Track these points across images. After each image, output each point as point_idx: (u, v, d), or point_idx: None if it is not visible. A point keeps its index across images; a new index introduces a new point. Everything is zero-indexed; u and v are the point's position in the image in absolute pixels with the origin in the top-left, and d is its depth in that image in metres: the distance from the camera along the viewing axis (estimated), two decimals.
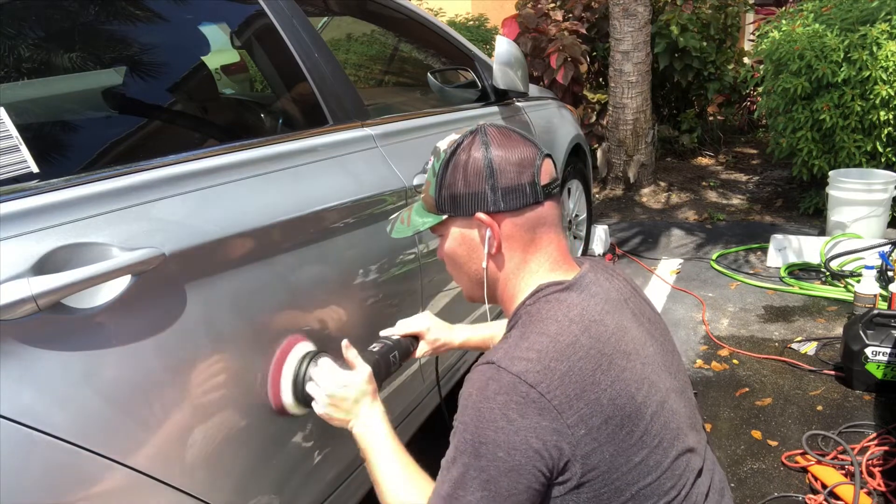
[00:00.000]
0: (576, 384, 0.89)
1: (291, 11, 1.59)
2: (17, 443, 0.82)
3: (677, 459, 0.96)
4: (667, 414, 0.97)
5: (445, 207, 1.06)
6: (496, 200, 1.01)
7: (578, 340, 0.93)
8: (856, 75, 3.99)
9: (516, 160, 1.01)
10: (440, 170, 1.05)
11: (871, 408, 2.42)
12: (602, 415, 0.90)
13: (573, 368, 0.90)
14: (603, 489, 0.91)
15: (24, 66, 1.15)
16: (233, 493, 1.15)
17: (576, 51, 5.30)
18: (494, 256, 1.04)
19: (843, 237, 3.66)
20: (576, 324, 0.95)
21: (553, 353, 0.91)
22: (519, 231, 1.03)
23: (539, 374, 0.89)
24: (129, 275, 0.94)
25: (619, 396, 0.91)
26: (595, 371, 0.91)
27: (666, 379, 1.02)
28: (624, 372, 0.94)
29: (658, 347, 1.06)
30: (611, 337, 0.96)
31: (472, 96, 2.35)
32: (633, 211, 5.02)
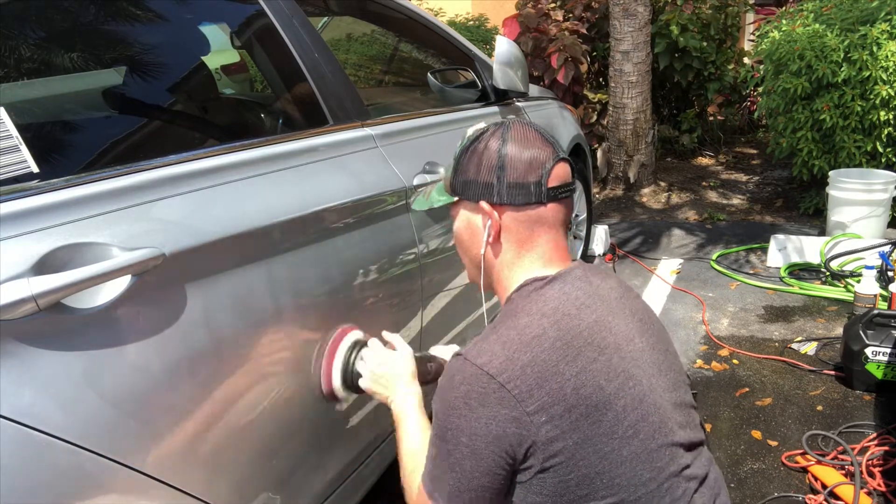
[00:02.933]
0: (537, 374, 0.94)
1: (291, 11, 1.59)
2: (17, 443, 0.82)
3: (657, 452, 0.98)
4: (646, 408, 0.99)
5: (458, 190, 1.12)
6: (500, 193, 1.06)
7: (545, 332, 0.97)
8: (856, 75, 3.99)
9: (527, 159, 1.05)
10: (459, 154, 1.11)
11: (871, 408, 2.42)
12: (564, 403, 0.93)
13: (536, 359, 0.94)
14: (569, 475, 0.94)
15: (24, 66, 1.15)
16: (233, 492, 1.15)
17: (576, 51, 5.30)
18: (493, 245, 1.10)
19: (844, 237, 3.66)
20: (547, 317, 0.99)
21: (517, 344, 0.96)
22: (517, 226, 1.08)
23: (501, 365, 0.94)
24: (129, 275, 0.94)
25: (583, 386, 0.94)
26: (559, 362, 0.95)
27: (653, 375, 1.04)
28: (593, 363, 0.97)
29: (648, 345, 1.08)
30: (584, 330, 0.99)
31: (473, 96, 2.35)
32: (634, 211, 5.02)
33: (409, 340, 1.64)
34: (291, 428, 1.29)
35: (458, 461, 0.96)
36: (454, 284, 1.89)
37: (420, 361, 1.33)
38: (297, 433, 1.31)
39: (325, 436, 1.40)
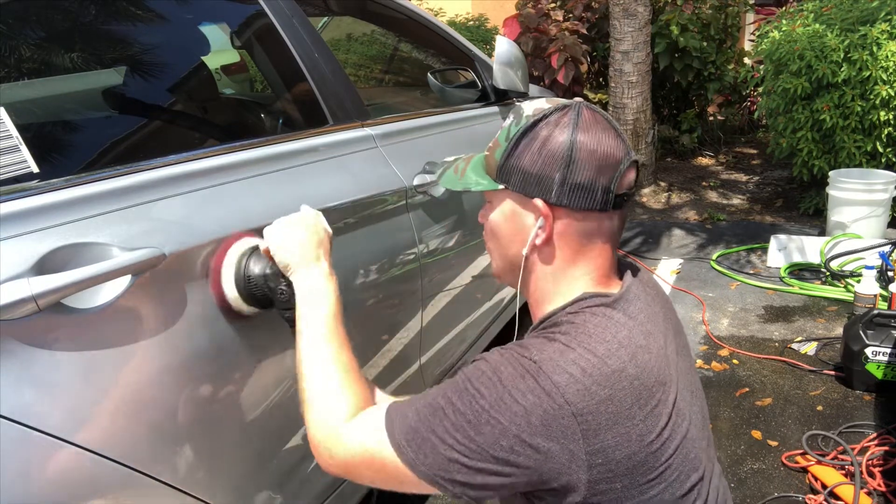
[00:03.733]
0: (611, 414, 0.84)
1: (291, 11, 1.59)
2: (17, 443, 0.82)
3: (690, 492, 0.92)
4: (688, 445, 0.92)
5: (505, 178, 0.96)
6: (561, 193, 0.91)
7: (626, 369, 0.86)
8: (856, 75, 3.99)
9: (601, 156, 0.91)
10: (516, 136, 0.94)
11: (871, 408, 2.42)
12: (626, 450, 0.85)
13: (614, 397, 0.84)
14: None
15: (25, 66, 1.15)
16: (233, 493, 1.15)
17: (576, 51, 5.30)
18: (539, 249, 0.96)
19: (844, 237, 3.66)
20: (624, 348, 0.88)
21: (598, 375, 0.85)
22: (572, 234, 0.94)
23: (578, 394, 0.83)
24: (129, 275, 0.94)
25: (648, 433, 0.86)
26: (633, 405, 0.85)
27: (692, 403, 0.97)
28: (658, 406, 0.88)
29: (685, 366, 1.00)
30: (654, 366, 0.90)
31: (473, 96, 2.35)
32: (634, 211, 5.02)
33: (409, 340, 1.64)
34: (292, 428, 1.29)
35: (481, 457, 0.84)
36: (454, 284, 1.89)
37: None
38: (297, 433, 1.31)
39: None
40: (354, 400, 0.96)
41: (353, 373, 0.99)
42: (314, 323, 1.01)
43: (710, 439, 1.04)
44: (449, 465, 0.85)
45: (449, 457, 0.85)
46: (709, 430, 1.06)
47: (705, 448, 1.00)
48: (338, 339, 1.01)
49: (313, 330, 1.01)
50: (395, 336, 1.58)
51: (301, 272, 1.05)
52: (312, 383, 0.98)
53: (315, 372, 0.98)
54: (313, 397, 0.97)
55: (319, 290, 1.03)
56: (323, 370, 0.98)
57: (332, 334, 1.00)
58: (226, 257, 1.11)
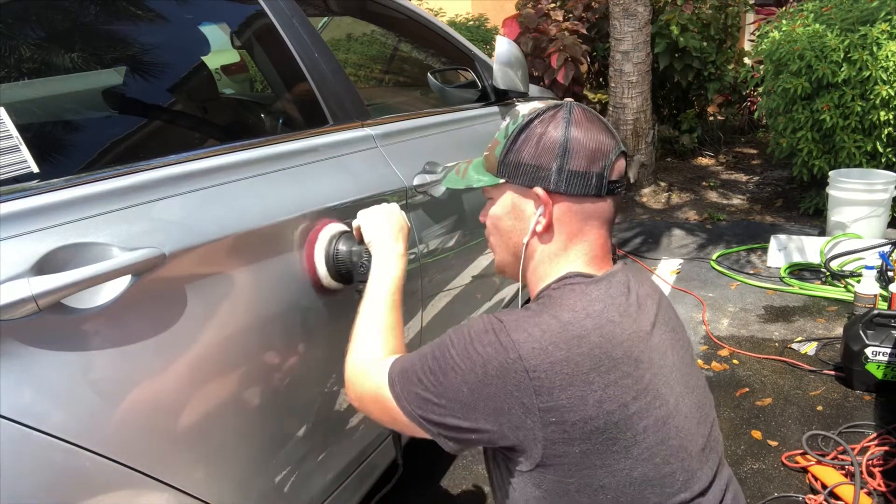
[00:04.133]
0: (565, 375, 0.89)
1: (291, 11, 1.59)
2: (17, 443, 0.82)
3: (670, 477, 0.94)
4: (668, 430, 0.95)
5: (506, 172, 1.04)
6: (559, 181, 0.99)
7: (588, 335, 0.92)
8: (856, 75, 3.99)
9: (592, 147, 0.99)
10: (514, 133, 1.03)
11: (871, 408, 2.42)
12: (581, 413, 0.89)
13: (569, 360, 0.90)
14: (569, 479, 0.92)
15: (25, 66, 1.15)
16: (233, 492, 1.15)
17: (576, 51, 5.30)
18: (539, 235, 1.03)
19: (844, 237, 3.66)
20: (591, 318, 0.93)
21: (557, 337, 0.91)
22: (570, 218, 1.02)
23: (533, 351, 0.90)
24: (130, 275, 0.94)
25: (608, 401, 0.90)
26: (591, 370, 0.90)
27: (681, 395, 0.99)
28: (625, 378, 0.92)
29: (678, 359, 1.03)
30: (624, 341, 0.94)
31: (473, 96, 2.35)
32: (634, 211, 5.02)
33: (409, 340, 1.64)
34: (292, 428, 1.29)
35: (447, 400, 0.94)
36: (454, 284, 1.89)
37: None
38: (297, 433, 1.31)
39: (326, 435, 1.40)
40: (387, 348, 1.09)
41: (394, 331, 1.13)
42: (378, 286, 1.17)
43: (713, 440, 1.04)
44: (423, 403, 0.96)
45: (423, 395, 0.96)
46: (715, 432, 1.06)
47: (702, 447, 1.00)
48: (392, 304, 1.16)
49: (375, 291, 1.16)
50: None
51: (381, 247, 1.22)
52: (360, 331, 1.13)
53: (365, 323, 1.13)
54: (356, 341, 1.12)
55: (391, 263, 1.20)
56: (371, 322, 1.13)
57: (390, 299, 1.16)
58: (318, 238, 1.29)
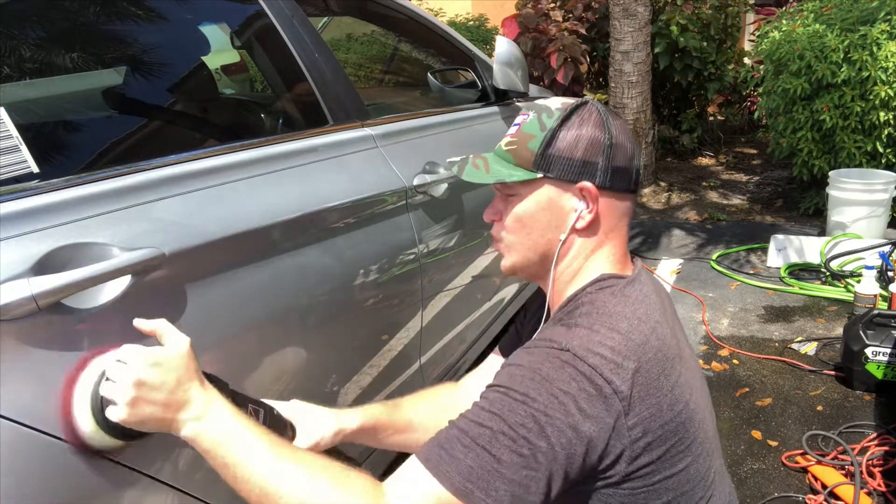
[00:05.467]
0: (642, 385, 0.87)
1: (291, 11, 1.59)
2: (17, 443, 0.82)
3: (708, 472, 0.97)
4: (707, 425, 0.98)
5: (546, 166, 0.98)
6: (606, 176, 0.97)
7: (648, 341, 0.90)
8: (856, 76, 3.98)
9: (629, 143, 1.00)
10: (554, 126, 0.98)
11: (871, 408, 2.42)
12: (661, 419, 0.89)
13: (641, 369, 0.88)
14: (640, 490, 0.90)
15: (25, 66, 1.15)
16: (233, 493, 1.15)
17: (576, 51, 5.30)
18: (578, 231, 0.99)
19: (844, 237, 3.66)
20: (644, 323, 0.92)
21: (626, 350, 0.88)
22: (611, 214, 1.00)
23: (613, 372, 0.86)
24: (129, 275, 0.94)
25: (676, 402, 0.90)
26: (660, 375, 0.89)
27: (702, 388, 1.02)
28: (680, 377, 0.93)
29: (693, 357, 1.05)
30: (670, 340, 0.94)
31: (473, 96, 2.35)
32: (634, 211, 5.02)
33: (409, 340, 1.64)
34: None
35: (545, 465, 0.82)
36: (454, 285, 1.88)
37: (235, 398, 0.93)
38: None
39: None
40: (354, 481, 0.83)
41: (319, 459, 0.87)
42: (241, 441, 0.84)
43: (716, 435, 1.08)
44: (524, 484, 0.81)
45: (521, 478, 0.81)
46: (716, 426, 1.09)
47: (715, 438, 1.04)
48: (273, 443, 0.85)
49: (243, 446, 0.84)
50: (395, 336, 1.58)
51: (187, 428, 0.85)
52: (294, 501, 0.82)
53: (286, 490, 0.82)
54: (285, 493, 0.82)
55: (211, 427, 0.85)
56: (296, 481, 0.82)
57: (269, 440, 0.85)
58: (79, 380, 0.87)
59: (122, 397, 0.82)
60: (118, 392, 0.82)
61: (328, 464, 0.86)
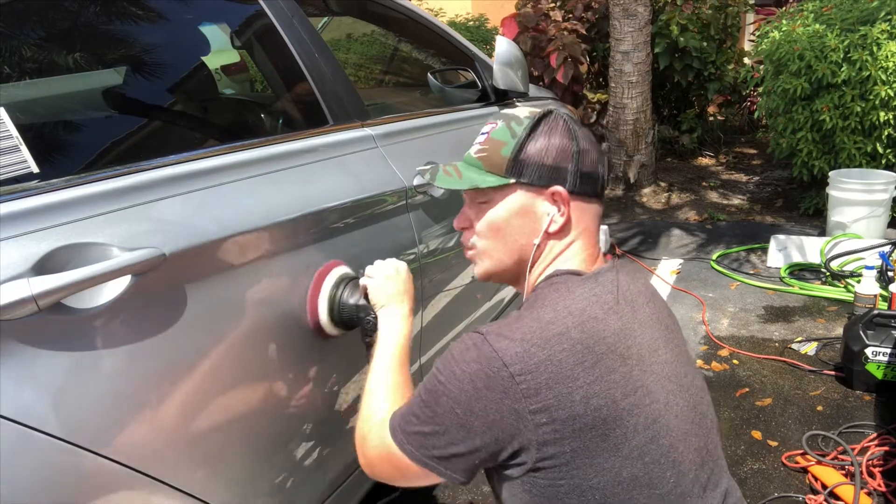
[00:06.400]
0: (549, 374, 0.89)
1: (291, 11, 1.59)
2: (17, 443, 0.82)
3: (660, 478, 0.93)
4: (658, 429, 0.94)
5: (518, 172, 1.02)
6: (575, 181, 1.02)
7: (568, 332, 0.92)
8: (856, 76, 3.98)
9: (595, 152, 1.04)
10: (524, 134, 1.02)
11: (871, 408, 2.42)
12: (570, 410, 0.89)
13: (552, 358, 0.90)
14: (560, 481, 0.91)
15: (25, 66, 1.15)
16: (233, 493, 1.15)
17: (575, 50, 5.30)
18: (550, 234, 1.03)
19: (844, 237, 3.66)
20: (572, 316, 0.94)
21: (538, 338, 0.91)
22: (581, 217, 1.04)
23: (516, 356, 0.90)
24: (130, 275, 0.94)
25: (595, 396, 0.90)
26: (575, 366, 0.90)
27: (672, 392, 0.99)
28: (612, 374, 0.91)
29: (672, 357, 1.02)
30: (608, 336, 0.94)
31: (473, 96, 2.35)
32: (634, 211, 5.02)
33: None
34: (291, 428, 1.29)
35: (444, 427, 0.94)
36: (454, 285, 1.89)
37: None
38: (297, 433, 1.31)
39: (326, 436, 1.40)
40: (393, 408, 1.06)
41: (401, 389, 1.11)
42: (385, 349, 1.16)
43: (711, 443, 1.03)
44: (424, 440, 0.96)
45: (422, 432, 0.96)
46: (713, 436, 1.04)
47: (698, 448, 0.99)
48: (399, 365, 1.15)
49: (382, 355, 1.16)
50: None
51: (387, 310, 1.22)
52: (367, 398, 1.11)
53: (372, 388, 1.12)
54: (363, 410, 1.10)
55: (398, 326, 1.20)
56: (379, 386, 1.11)
57: (397, 360, 1.15)
58: (323, 283, 1.28)
59: (379, 276, 1.25)
60: (378, 272, 1.25)
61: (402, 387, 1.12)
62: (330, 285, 1.28)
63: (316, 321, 1.27)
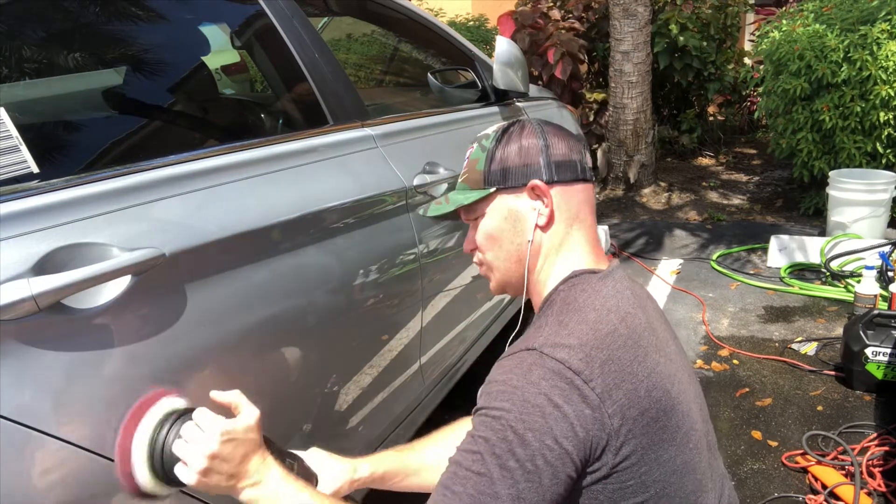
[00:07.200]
0: (615, 373, 0.88)
1: (291, 11, 1.59)
2: (17, 443, 0.82)
3: (699, 465, 0.97)
4: (693, 415, 0.97)
5: (495, 180, 1.05)
6: (550, 171, 1.03)
7: (617, 329, 0.92)
8: (856, 75, 3.98)
9: (566, 142, 1.05)
10: (492, 146, 1.06)
11: (871, 408, 2.42)
12: (639, 406, 0.88)
13: (612, 357, 0.89)
14: (629, 481, 0.89)
15: (25, 67, 1.15)
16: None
17: (573, 46, 5.29)
18: (541, 227, 1.04)
19: (844, 237, 3.66)
20: (613, 313, 0.94)
21: (593, 341, 0.90)
22: (567, 203, 1.04)
23: (582, 362, 0.87)
24: (130, 275, 0.94)
25: (654, 388, 0.90)
26: (633, 362, 0.90)
27: (687, 381, 1.02)
28: (658, 366, 0.93)
29: (677, 350, 1.05)
30: (644, 330, 0.96)
31: (473, 97, 2.35)
32: (634, 211, 5.02)
33: (409, 340, 1.64)
34: (291, 429, 1.29)
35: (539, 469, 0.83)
36: (455, 285, 1.89)
37: (276, 453, 1.00)
38: (296, 434, 1.31)
39: (325, 436, 1.40)
40: None
41: None
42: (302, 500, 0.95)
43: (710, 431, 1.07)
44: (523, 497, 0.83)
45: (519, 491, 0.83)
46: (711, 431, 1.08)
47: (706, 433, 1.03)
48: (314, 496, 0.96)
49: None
50: (395, 336, 1.58)
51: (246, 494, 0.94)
52: None
53: None
54: None
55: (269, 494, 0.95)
56: None
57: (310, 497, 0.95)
58: (141, 423, 0.93)
59: (195, 464, 0.90)
60: (192, 458, 0.90)
61: None
62: (152, 424, 0.94)
63: (132, 483, 0.92)
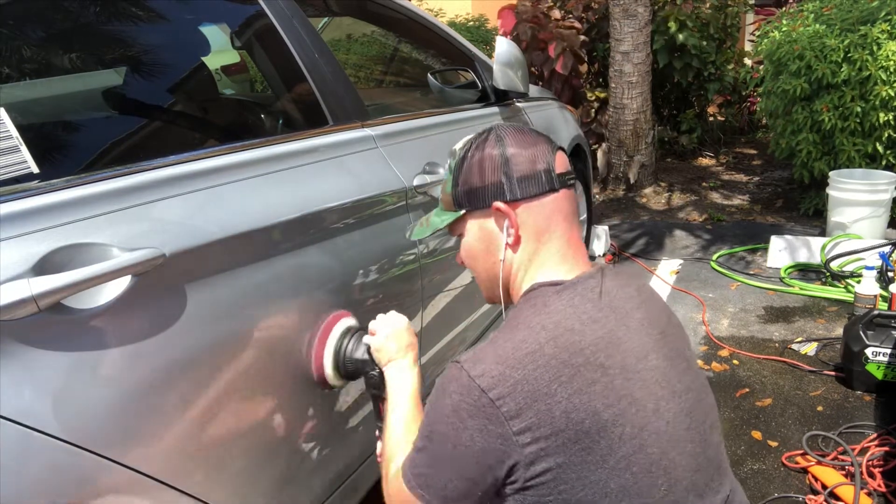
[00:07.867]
0: (527, 394, 0.89)
1: (291, 11, 1.59)
2: (17, 443, 0.82)
3: (650, 489, 0.92)
4: (646, 437, 0.92)
5: (463, 202, 1.07)
6: (513, 189, 1.02)
7: (542, 349, 0.92)
8: (856, 75, 3.98)
9: (529, 151, 1.03)
10: (456, 167, 1.08)
11: (871, 408, 2.42)
12: (552, 426, 0.89)
13: (528, 377, 0.90)
14: (548, 497, 0.90)
15: (25, 67, 1.15)
16: (233, 493, 1.15)
17: (574, 41, 5.28)
18: (512, 246, 1.05)
19: (844, 238, 3.66)
20: (546, 331, 0.94)
21: (512, 359, 0.92)
22: (534, 218, 1.03)
23: (493, 380, 0.91)
24: (130, 275, 0.94)
25: (575, 410, 0.89)
26: (552, 382, 0.90)
27: (662, 398, 0.96)
28: (592, 385, 0.91)
29: (664, 362, 0.99)
30: (586, 348, 0.93)
31: (473, 97, 2.35)
32: (634, 211, 5.02)
33: None
34: (291, 428, 1.29)
35: (440, 461, 0.96)
36: (454, 285, 1.89)
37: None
38: (296, 434, 1.31)
39: (325, 436, 1.40)
40: None
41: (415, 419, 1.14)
42: (399, 405, 1.18)
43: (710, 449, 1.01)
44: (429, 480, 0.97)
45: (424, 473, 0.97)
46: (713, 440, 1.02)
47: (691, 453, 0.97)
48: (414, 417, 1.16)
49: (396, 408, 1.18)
50: None
51: (393, 366, 1.23)
52: (389, 450, 1.13)
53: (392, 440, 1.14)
54: (387, 461, 1.12)
55: (405, 381, 1.21)
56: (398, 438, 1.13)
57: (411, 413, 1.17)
58: (329, 336, 1.30)
59: (381, 335, 1.25)
60: (381, 330, 1.26)
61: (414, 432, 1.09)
62: (336, 338, 1.31)
63: (321, 374, 1.30)
